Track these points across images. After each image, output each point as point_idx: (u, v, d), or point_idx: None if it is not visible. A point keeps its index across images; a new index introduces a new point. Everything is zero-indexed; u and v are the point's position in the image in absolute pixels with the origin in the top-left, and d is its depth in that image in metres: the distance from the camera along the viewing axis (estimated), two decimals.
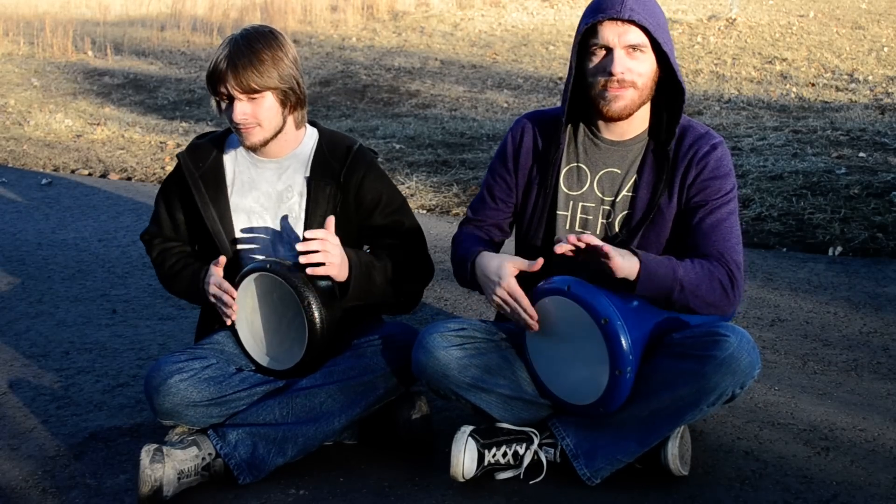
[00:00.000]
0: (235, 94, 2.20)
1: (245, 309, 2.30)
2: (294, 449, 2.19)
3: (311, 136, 2.40)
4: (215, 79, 2.22)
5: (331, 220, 2.18)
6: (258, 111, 2.23)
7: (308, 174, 2.34)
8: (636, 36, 2.05)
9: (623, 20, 2.03)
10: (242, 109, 2.22)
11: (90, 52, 11.09)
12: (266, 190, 2.36)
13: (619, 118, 2.12)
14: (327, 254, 2.12)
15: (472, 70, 9.37)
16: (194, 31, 12.05)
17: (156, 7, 13.80)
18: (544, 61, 9.49)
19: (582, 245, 1.94)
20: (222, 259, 2.28)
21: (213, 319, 2.42)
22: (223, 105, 2.26)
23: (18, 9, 14.38)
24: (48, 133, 7.24)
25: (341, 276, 2.18)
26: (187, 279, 2.37)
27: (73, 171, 6.07)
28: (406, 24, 11.92)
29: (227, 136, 2.43)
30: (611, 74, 2.06)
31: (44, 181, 5.75)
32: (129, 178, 5.86)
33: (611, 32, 2.05)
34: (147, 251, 2.49)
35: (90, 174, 6.00)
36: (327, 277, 2.18)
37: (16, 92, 9.04)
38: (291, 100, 2.28)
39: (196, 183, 2.35)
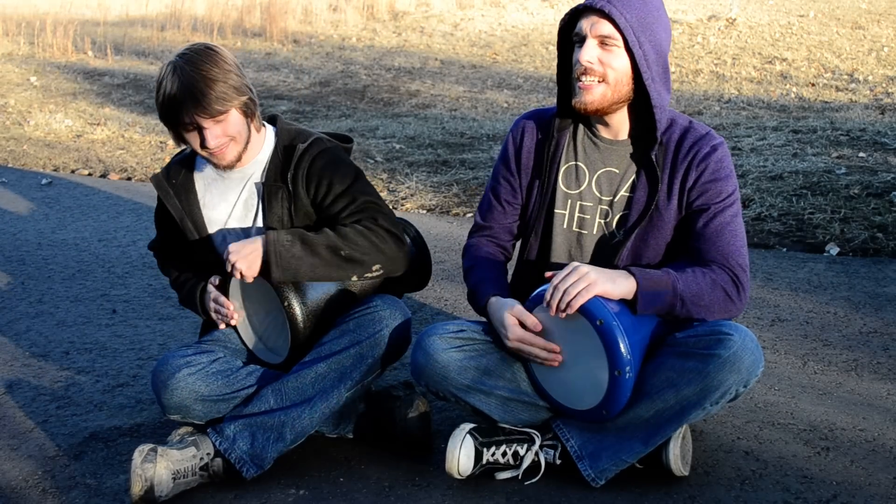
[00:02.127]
0: (202, 122, 2.19)
1: (240, 303, 2.36)
2: (292, 433, 2.19)
3: (270, 138, 2.39)
4: (174, 111, 2.19)
5: None
6: (228, 128, 2.23)
7: (263, 180, 2.34)
8: (608, 28, 2.03)
9: (597, 10, 2.02)
10: (214, 133, 2.21)
11: (90, 52, 11.09)
12: (233, 200, 2.39)
13: (587, 112, 2.09)
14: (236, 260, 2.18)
15: (472, 70, 9.38)
16: (194, 31, 12.05)
17: (156, 7, 13.80)
18: (544, 61, 9.49)
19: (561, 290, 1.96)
20: (214, 279, 2.36)
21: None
22: (186, 135, 2.25)
23: (18, 9, 14.39)
24: (48, 133, 7.24)
25: (251, 265, 2.17)
26: (188, 295, 2.45)
27: (73, 171, 6.07)
28: (406, 24, 11.92)
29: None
30: (580, 64, 2.05)
31: (44, 181, 5.75)
32: (129, 178, 5.86)
33: (586, 22, 2.05)
34: (155, 257, 2.61)
35: (90, 174, 6.00)
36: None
37: (16, 92, 9.04)
38: (251, 107, 2.28)
39: (171, 200, 2.39)
